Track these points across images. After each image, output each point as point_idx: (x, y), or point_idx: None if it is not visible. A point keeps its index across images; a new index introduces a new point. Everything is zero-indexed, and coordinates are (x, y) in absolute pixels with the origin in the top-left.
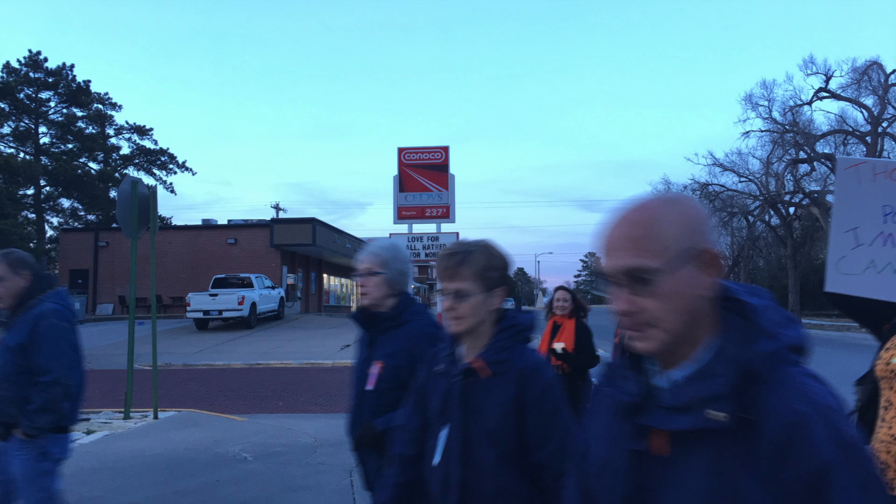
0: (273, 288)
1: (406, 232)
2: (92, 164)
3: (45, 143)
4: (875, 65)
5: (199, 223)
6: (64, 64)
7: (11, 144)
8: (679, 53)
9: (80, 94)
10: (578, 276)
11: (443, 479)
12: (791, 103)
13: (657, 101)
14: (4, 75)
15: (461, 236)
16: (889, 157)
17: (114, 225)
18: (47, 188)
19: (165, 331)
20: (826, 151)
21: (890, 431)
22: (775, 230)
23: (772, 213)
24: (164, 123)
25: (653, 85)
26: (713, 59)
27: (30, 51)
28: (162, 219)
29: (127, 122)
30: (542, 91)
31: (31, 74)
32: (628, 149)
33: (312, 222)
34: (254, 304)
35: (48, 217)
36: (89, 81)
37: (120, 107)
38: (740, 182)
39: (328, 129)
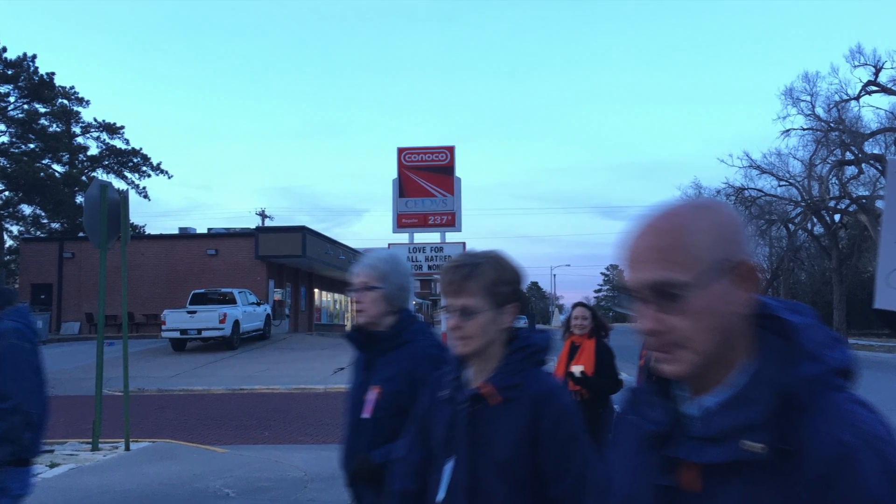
0: (258, 304)
1: (407, 242)
2: (56, 166)
3: (3, 143)
4: None
5: (176, 232)
6: (24, 55)
7: None
8: (710, 42)
9: (42, 87)
10: (599, 290)
11: None
12: (836, 98)
13: (686, 97)
14: None
15: (468, 247)
16: None
17: (80, 234)
18: (6, 193)
19: (138, 352)
20: (875, 152)
21: None
22: (819, 240)
23: (815, 220)
24: (137, 121)
25: (681, 78)
26: (749, 49)
27: None
28: (134, 227)
29: (95, 120)
30: (558, 85)
31: None
32: (654, 149)
33: (302, 231)
34: (237, 323)
35: (7, 225)
36: (53, 74)
37: (87, 102)
38: (780, 186)
39: (320, 128)
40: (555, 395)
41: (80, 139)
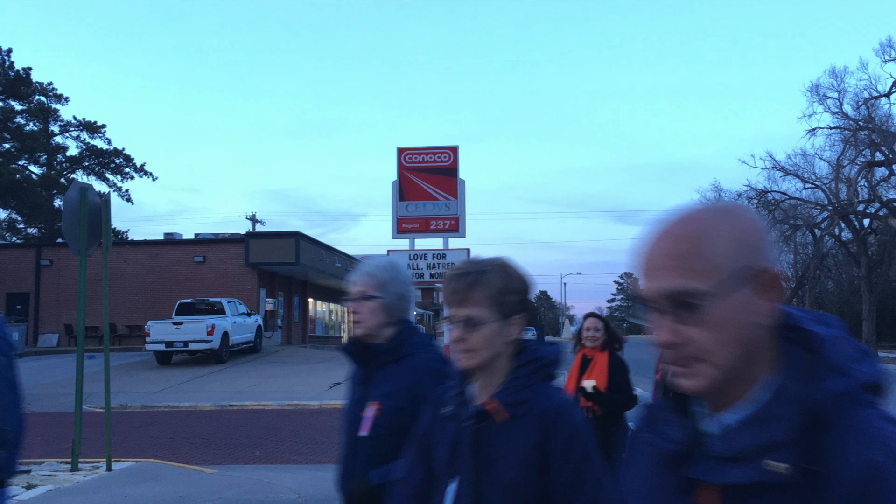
0: (249, 315)
1: (407, 248)
2: (33, 168)
3: None
4: None
5: (161, 238)
6: None
7: None
8: (733, 35)
9: (18, 83)
10: (612, 300)
11: None
12: (865, 95)
13: (705, 94)
14: None
15: (473, 253)
16: None
17: (59, 240)
18: None
19: (121, 366)
20: None
21: None
22: (847, 246)
23: (842, 225)
24: (119, 119)
25: (702, 73)
26: (773, 43)
27: None
28: (116, 233)
29: (75, 118)
30: (569, 81)
31: None
32: (672, 150)
33: (295, 237)
34: (226, 335)
35: None
36: (30, 69)
37: (66, 99)
38: (805, 189)
39: (314, 127)
40: (565, 411)
41: (58, 139)
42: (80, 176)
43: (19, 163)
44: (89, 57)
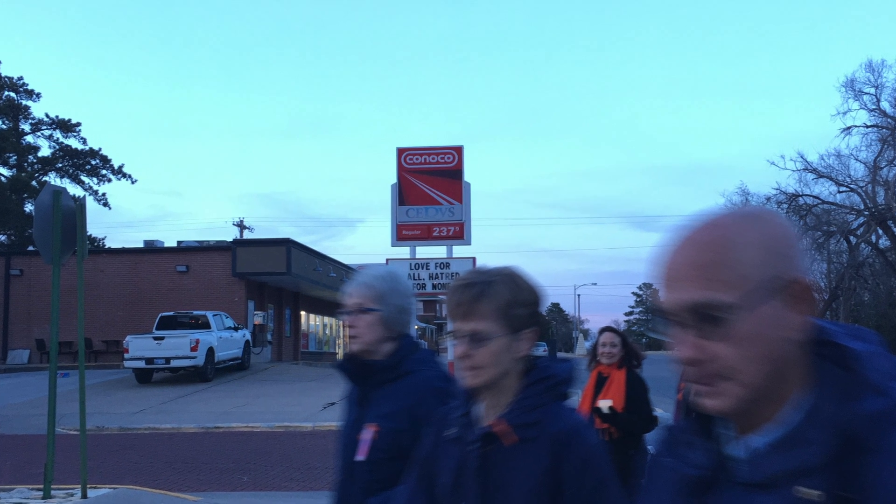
0: (236, 329)
1: (408, 257)
2: (2, 170)
3: None
4: None
5: (141, 245)
6: None
7: None
8: (760, 26)
9: None
10: (630, 314)
11: None
12: None
13: (730, 89)
14: None
15: (479, 262)
16: None
17: (30, 248)
18: None
19: (97, 384)
20: None
21: None
22: (884, 254)
23: (880, 232)
24: (96, 117)
25: (725, 68)
26: (803, 35)
27: None
28: (92, 240)
29: (47, 116)
30: (582, 76)
31: None
32: (695, 150)
33: (287, 244)
34: (211, 351)
35: None
36: None
37: (38, 95)
38: (839, 192)
39: (308, 126)
40: (579, 434)
41: (29, 138)
42: (52, 178)
43: None
44: (63, 49)
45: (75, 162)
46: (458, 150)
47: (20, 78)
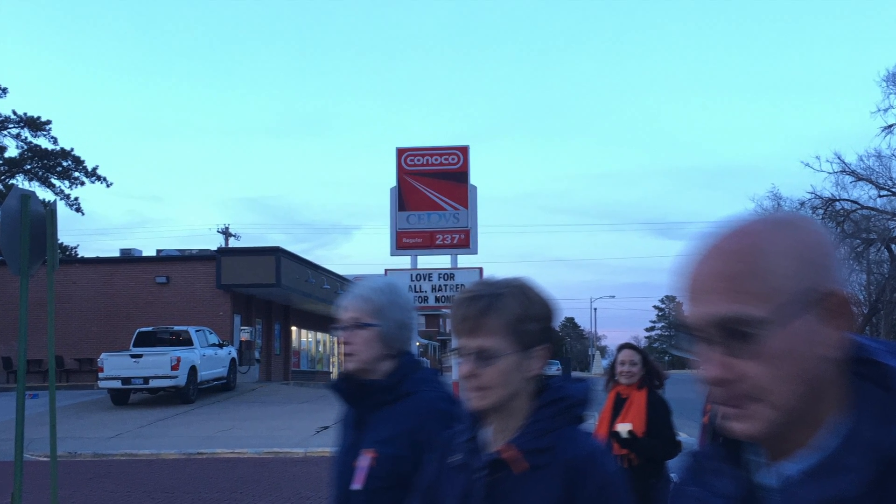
0: (221, 346)
1: (409, 267)
2: None
3: None
4: None
5: (117, 255)
6: None
7: None
8: (793, 16)
9: None
10: (652, 329)
11: None
12: None
13: (761, 85)
14: None
15: (486, 273)
16: None
17: None
18: None
19: (69, 406)
20: None
21: None
22: None
23: None
24: (67, 115)
25: (755, 61)
26: (840, 26)
27: None
28: (64, 248)
29: (14, 113)
30: (599, 70)
31: None
32: (721, 151)
33: (276, 253)
34: (193, 370)
35: None
36: None
37: (4, 90)
38: (880, 196)
39: (299, 124)
40: (595, 460)
41: None
42: (20, 181)
43: None
44: (31, 40)
45: (45, 163)
46: (464, 151)
47: None
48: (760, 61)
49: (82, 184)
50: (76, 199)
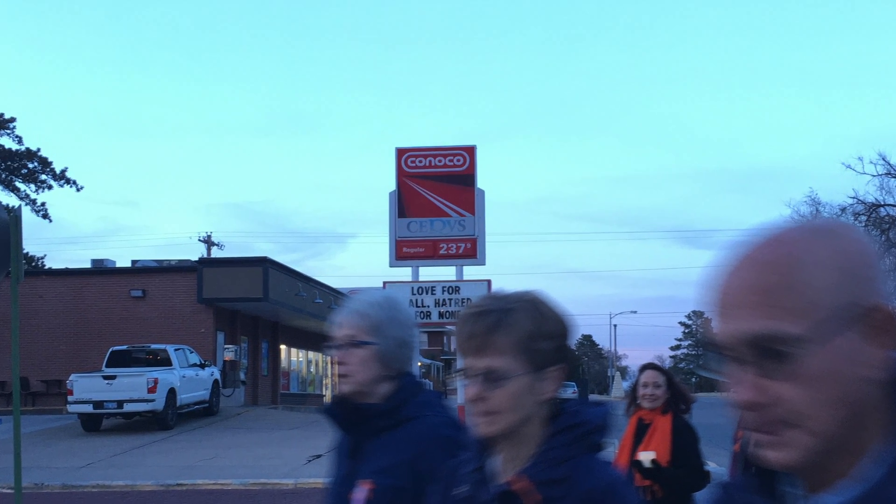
0: (202, 366)
1: (410, 279)
2: None
3: None
4: None
5: (88, 266)
6: None
7: None
8: (832, 4)
9: None
10: (677, 347)
11: None
12: None
13: (799, 79)
14: None
15: (494, 286)
16: None
17: None
18: None
19: (36, 433)
20: None
21: None
22: None
23: None
24: (33, 112)
25: (792, 53)
26: (885, 14)
27: None
28: (30, 259)
29: None
30: (619, 63)
31: None
32: (754, 151)
33: (263, 264)
34: (172, 392)
35: None
36: None
37: None
38: None
39: (288, 122)
40: (615, 492)
41: None
42: None
43: None
44: None
45: (9, 165)
46: (470, 151)
47: None
48: (798, 52)
49: (50, 187)
50: (43, 204)
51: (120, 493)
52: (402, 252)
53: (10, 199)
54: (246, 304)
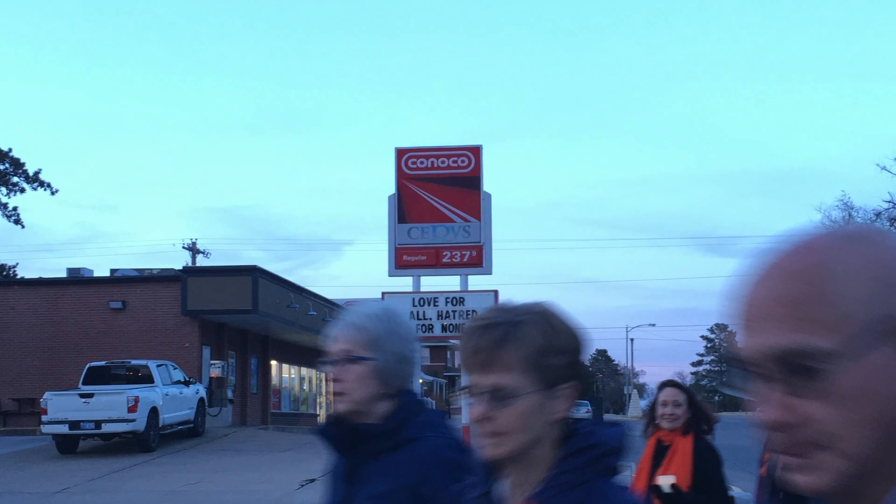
0: (187, 384)
1: (410, 290)
2: None
3: None
4: None
5: (64, 275)
6: None
7: None
8: None
9: None
10: (699, 363)
11: None
12: None
13: (830, 73)
14: None
15: (502, 297)
16: None
17: None
18: None
19: (7, 455)
20: None
21: None
22: None
23: None
24: (4, 110)
25: (823, 46)
26: None
27: None
28: (1, 267)
29: None
30: (636, 57)
31: None
32: (782, 152)
33: (253, 274)
34: (154, 412)
35: None
36: None
37: None
38: None
39: (279, 120)
40: None
41: None
42: None
43: None
44: None
45: None
46: (476, 152)
47: None
48: (831, 44)
49: (22, 191)
50: (15, 209)
51: None
52: (403, 260)
53: None
54: (234, 317)
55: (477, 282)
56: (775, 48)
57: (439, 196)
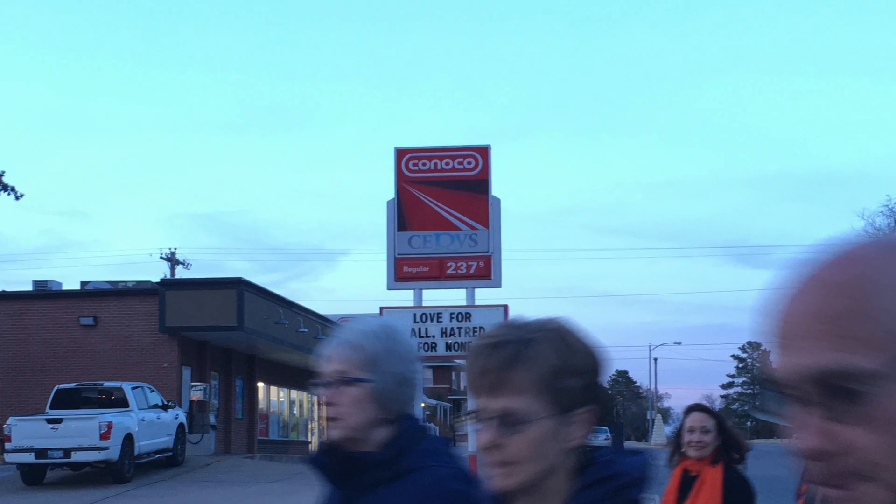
0: (165, 408)
1: (411, 305)
2: None
3: None
4: None
5: (30, 288)
6: None
7: None
8: None
9: None
10: (729, 385)
11: None
12: None
13: (873, 67)
14: None
15: (512, 312)
16: None
17: None
18: None
19: None
20: None
21: None
22: None
23: None
24: None
25: (864, 37)
26: None
27: None
28: None
29: None
30: (658, 49)
31: None
32: (821, 153)
33: (237, 287)
34: (129, 439)
35: None
36: None
37: None
38: None
39: (268, 118)
40: None
41: None
42: None
43: None
44: None
45: None
46: (483, 152)
47: None
48: (874, 36)
49: None
50: None
51: None
52: (403, 272)
53: None
54: (217, 334)
55: (485, 295)
56: (814, 38)
57: (443, 201)
